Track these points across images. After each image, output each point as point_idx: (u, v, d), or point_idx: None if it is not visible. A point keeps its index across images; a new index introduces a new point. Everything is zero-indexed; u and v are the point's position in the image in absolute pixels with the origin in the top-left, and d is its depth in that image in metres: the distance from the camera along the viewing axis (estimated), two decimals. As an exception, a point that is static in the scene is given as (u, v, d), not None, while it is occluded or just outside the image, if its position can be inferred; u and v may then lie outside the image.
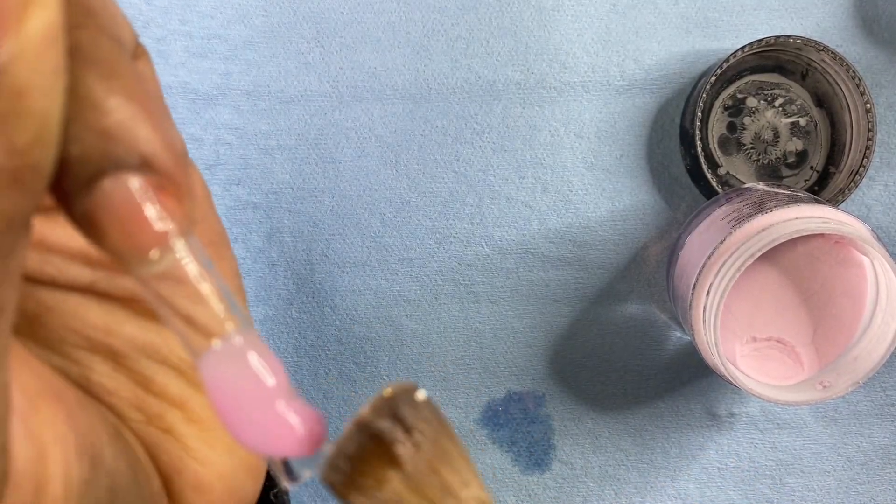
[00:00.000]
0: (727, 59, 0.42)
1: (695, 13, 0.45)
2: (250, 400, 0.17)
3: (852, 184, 0.43)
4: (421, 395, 0.18)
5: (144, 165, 0.15)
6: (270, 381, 0.17)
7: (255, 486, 0.24)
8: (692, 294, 0.39)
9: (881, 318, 0.39)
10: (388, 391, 0.18)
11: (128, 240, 0.15)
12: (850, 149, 0.43)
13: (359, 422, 0.17)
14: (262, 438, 0.17)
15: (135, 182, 0.15)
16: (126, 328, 0.21)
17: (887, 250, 0.37)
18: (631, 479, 0.46)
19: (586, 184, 0.45)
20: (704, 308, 0.38)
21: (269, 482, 0.26)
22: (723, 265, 0.37)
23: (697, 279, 0.39)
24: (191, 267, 0.16)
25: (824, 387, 0.40)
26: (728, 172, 0.44)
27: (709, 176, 0.43)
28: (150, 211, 0.15)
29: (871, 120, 0.42)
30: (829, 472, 0.46)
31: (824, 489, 0.46)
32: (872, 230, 0.38)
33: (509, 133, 0.45)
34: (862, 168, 0.43)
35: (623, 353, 0.46)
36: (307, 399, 0.39)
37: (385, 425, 0.17)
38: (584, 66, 0.44)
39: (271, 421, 0.17)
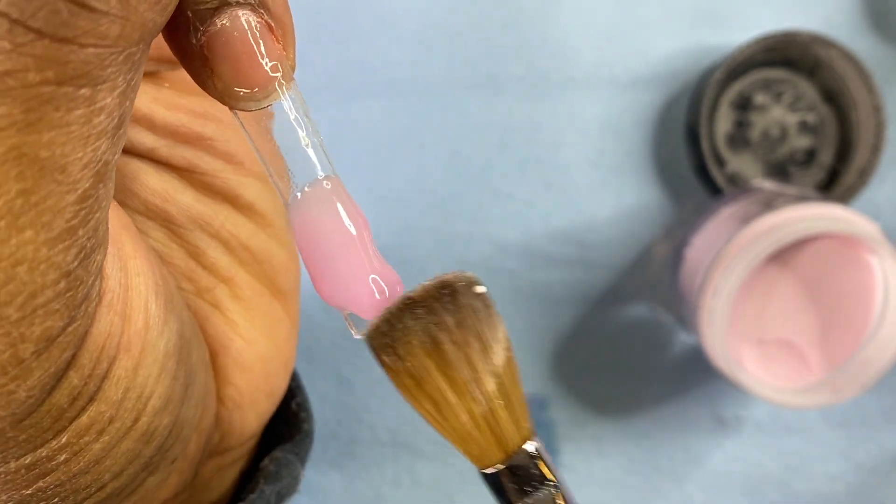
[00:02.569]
0: (734, 55, 0.41)
1: (701, 7, 0.44)
2: (333, 248, 0.17)
3: (861, 182, 0.43)
4: (480, 288, 0.18)
5: (261, 5, 0.17)
6: (354, 232, 0.18)
7: (285, 381, 0.25)
8: (698, 295, 0.39)
9: (891, 320, 0.39)
10: (448, 276, 0.18)
11: (238, 73, 0.16)
12: (859, 147, 0.43)
13: (410, 298, 0.18)
14: (340, 292, 0.18)
15: (252, 20, 0.16)
16: (182, 197, 0.22)
17: (899, 250, 0.37)
18: (636, 484, 0.45)
19: (590, 182, 0.44)
20: (711, 309, 0.38)
21: (291, 392, 0.27)
22: (729, 265, 0.37)
23: (704, 279, 0.38)
24: (291, 110, 0.17)
25: (833, 390, 0.39)
26: (735, 170, 0.44)
27: (715, 174, 0.42)
28: (263, 48, 0.16)
29: (880, 117, 0.42)
30: (837, 477, 0.46)
31: (833, 494, 0.46)
32: (882, 230, 0.38)
33: (511, 130, 0.44)
34: (871, 166, 0.43)
35: (628, 356, 0.45)
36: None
37: (434, 306, 0.17)
38: (587, 61, 0.44)
39: (351, 278, 0.18)
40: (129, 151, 0.22)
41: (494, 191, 0.44)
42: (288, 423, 0.26)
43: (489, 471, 0.18)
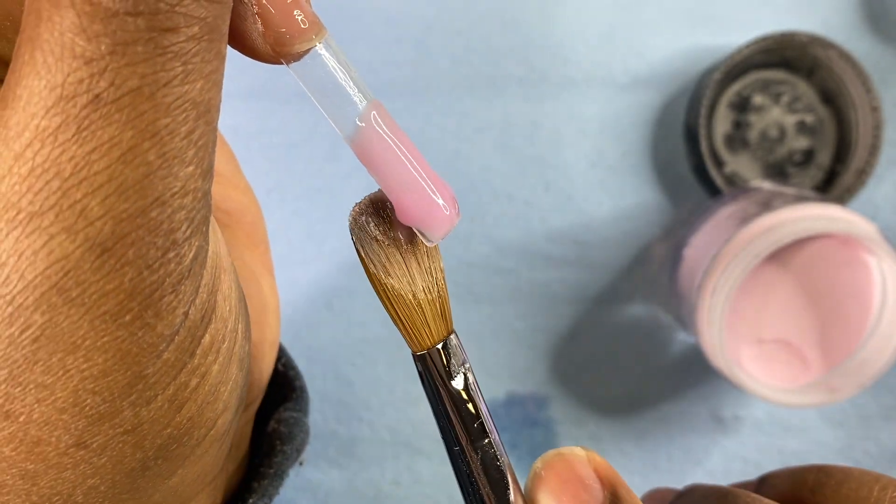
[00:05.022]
0: (733, 56, 0.41)
1: (700, 8, 0.44)
2: (394, 177, 0.20)
3: (859, 183, 0.43)
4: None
5: None
6: (409, 154, 0.20)
7: (279, 330, 0.27)
8: (697, 294, 0.39)
9: (888, 320, 0.39)
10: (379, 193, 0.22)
11: (289, 19, 0.18)
12: (857, 147, 0.43)
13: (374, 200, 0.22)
14: (417, 214, 0.20)
15: None
16: None
17: (895, 250, 0.37)
18: (634, 483, 0.45)
19: (589, 182, 0.44)
20: (710, 309, 0.38)
21: (278, 354, 0.28)
22: (728, 265, 0.37)
23: (702, 279, 0.38)
24: (332, 47, 0.19)
25: (831, 389, 0.39)
26: (734, 171, 0.44)
27: (714, 174, 0.42)
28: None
29: (878, 118, 0.42)
30: (835, 477, 0.45)
31: (831, 493, 0.45)
32: (880, 230, 0.38)
33: (510, 130, 0.44)
34: (869, 167, 0.43)
35: (626, 355, 0.45)
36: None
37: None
38: (587, 61, 0.44)
39: (422, 199, 0.20)
40: None
41: (494, 191, 0.44)
42: (279, 384, 0.28)
43: (423, 352, 0.21)
